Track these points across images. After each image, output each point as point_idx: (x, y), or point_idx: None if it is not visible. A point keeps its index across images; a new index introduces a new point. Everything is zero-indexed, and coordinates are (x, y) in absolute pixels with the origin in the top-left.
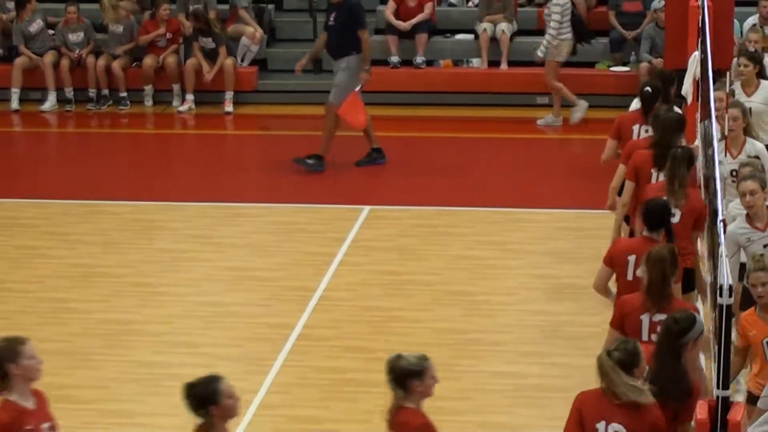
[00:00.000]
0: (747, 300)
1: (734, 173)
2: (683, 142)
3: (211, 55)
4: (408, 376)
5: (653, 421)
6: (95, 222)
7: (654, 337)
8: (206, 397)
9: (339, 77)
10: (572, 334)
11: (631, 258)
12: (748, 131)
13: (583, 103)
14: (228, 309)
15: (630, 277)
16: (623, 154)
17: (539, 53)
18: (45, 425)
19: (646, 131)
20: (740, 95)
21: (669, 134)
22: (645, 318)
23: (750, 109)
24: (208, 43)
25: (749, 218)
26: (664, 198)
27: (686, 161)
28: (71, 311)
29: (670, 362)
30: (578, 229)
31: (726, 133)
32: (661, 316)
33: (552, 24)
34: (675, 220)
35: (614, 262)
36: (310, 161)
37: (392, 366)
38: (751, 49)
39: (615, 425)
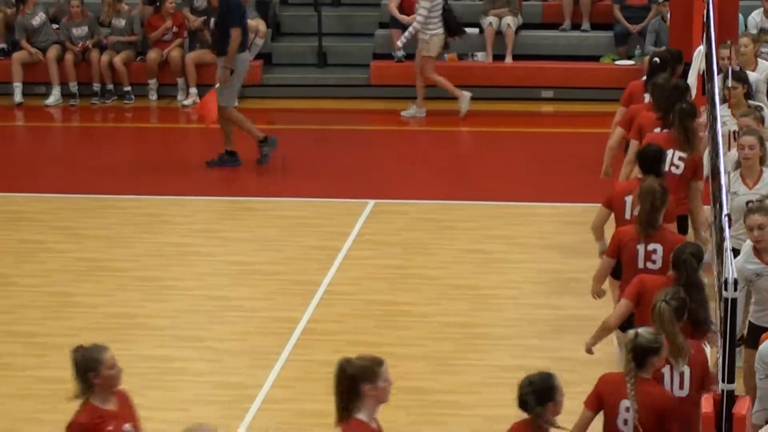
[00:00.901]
0: (754, 336)
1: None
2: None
3: None
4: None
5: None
6: (100, 216)
7: (649, 264)
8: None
9: (219, 74)
10: (578, 328)
11: (628, 198)
12: (764, 161)
13: (466, 94)
14: (233, 303)
15: (628, 216)
16: (625, 116)
17: (399, 44)
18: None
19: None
20: (728, 118)
21: (671, 100)
22: (641, 248)
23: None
24: None
25: (757, 252)
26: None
27: (691, 115)
28: (76, 305)
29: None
30: (584, 223)
31: (741, 161)
32: (655, 245)
33: (418, 18)
34: (678, 171)
35: (613, 203)
36: (225, 158)
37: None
38: (733, 65)
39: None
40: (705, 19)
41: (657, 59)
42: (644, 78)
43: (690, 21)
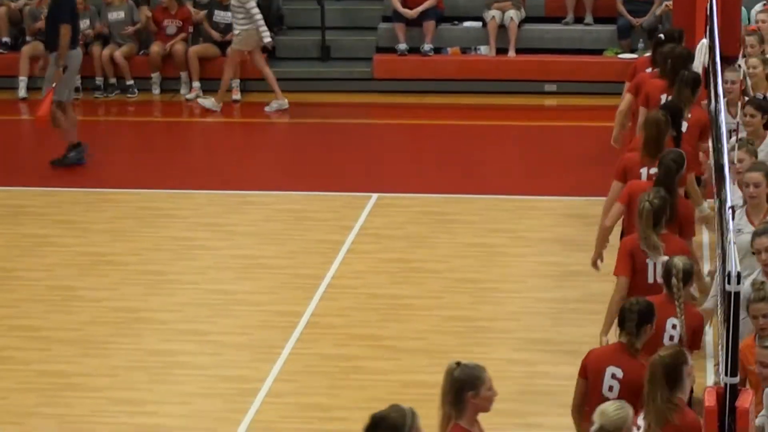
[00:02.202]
0: None
1: None
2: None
3: (225, 32)
4: (465, 387)
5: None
6: (104, 210)
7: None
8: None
9: (50, 72)
10: (581, 321)
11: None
12: None
13: (284, 102)
14: (236, 297)
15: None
16: (632, 84)
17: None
18: None
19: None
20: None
21: (676, 66)
22: (644, 171)
23: None
24: (226, 17)
25: None
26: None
27: (692, 82)
28: (80, 299)
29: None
30: (587, 216)
31: (747, 198)
32: (656, 170)
33: (236, 14)
34: (682, 129)
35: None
36: (70, 155)
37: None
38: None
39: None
40: (708, 12)
41: (662, 35)
42: (648, 54)
43: (693, 14)
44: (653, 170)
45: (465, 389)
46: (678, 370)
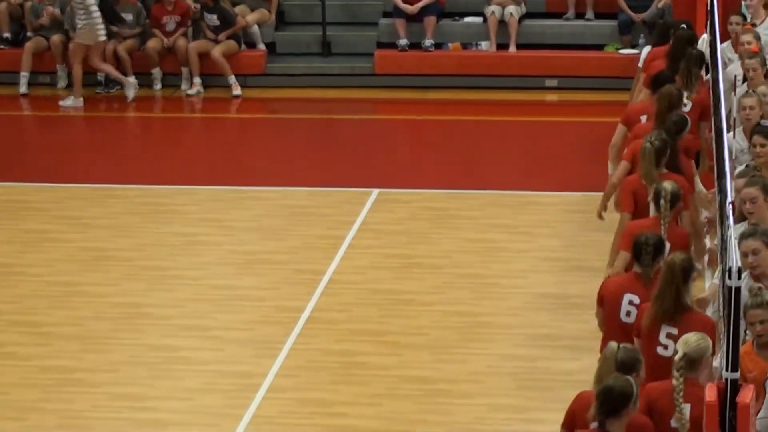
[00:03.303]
0: None
1: None
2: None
3: (216, 33)
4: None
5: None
6: (105, 206)
7: None
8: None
9: None
10: (582, 316)
11: (644, 117)
12: None
13: (131, 81)
14: (238, 292)
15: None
16: (643, 67)
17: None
18: None
19: None
20: (734, 57)
21: (685, 45)
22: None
23: None
24: (213, 20)
25: (757, 279)
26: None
27: (698, 60)
28: (82, 295)
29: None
30: (588, 211)
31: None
32: None
33: (77, 9)
34: (686, 109)
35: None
36: None
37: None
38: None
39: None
40: (708, 7)
41: (684, 25)
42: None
43: (694, 10)
44: None
45: (628, 371)
46: (690, 271)
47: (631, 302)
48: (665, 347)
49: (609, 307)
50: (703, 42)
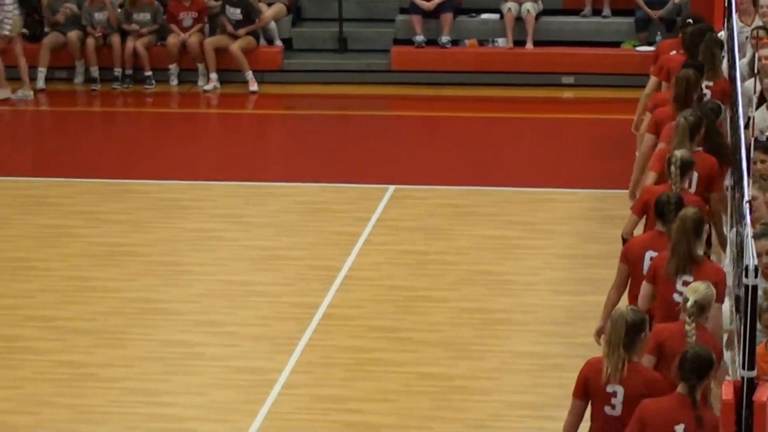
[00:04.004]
0: None
1: None
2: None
3: (237, 27)
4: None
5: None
6: (121, 201)
7: None
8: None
9: None
10: (597, 314)
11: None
12: None
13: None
14: (253, 288)
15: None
16: (656, 66)
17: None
18: None
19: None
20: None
21: (701, 33)
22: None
23: None
24: (236, 14)
25: None
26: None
27: (718, 44)
28: (96, 290)
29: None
30: (604, 209)
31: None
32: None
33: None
34: (706, 97)
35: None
36: None
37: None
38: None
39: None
40: (726, 4)
41: (691, 20)
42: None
43: (711, 6)
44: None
45: (639, 331)
46: (701, 225)
47: (652, 259)
48: (681, 294)
49: (632, 263)
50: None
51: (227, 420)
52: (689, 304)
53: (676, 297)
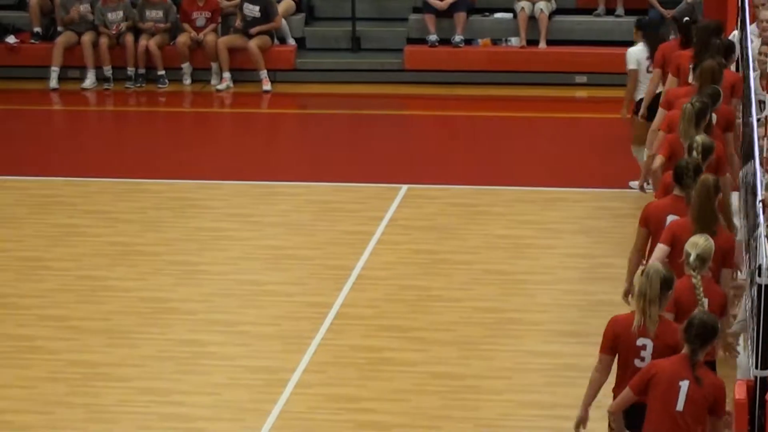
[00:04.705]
0: None
1: None
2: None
3: (252, 25)
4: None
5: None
6: (134, 200)
7: None
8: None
9: None
10: (610, 313)
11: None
12: None
13: None
14: (265, 288)
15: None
16: (658, 56)
17: None
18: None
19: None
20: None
21: (708, 35)
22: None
23: None
24: (254, 11)
25: None
26: None
27: (724, 50)
28: (109, 289)
29: None
30: (616, 208)
31: None
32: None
33: None
34: None
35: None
36: None
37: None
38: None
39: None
40: (739, 3)
41: (688, 18)
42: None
43: (725, 5)
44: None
45: (669, 287)
46: (718, 190)
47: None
48: None
49: (654, 226)
50: (733, 39)
51: (239, 419)
52: (692, 258)
53: None
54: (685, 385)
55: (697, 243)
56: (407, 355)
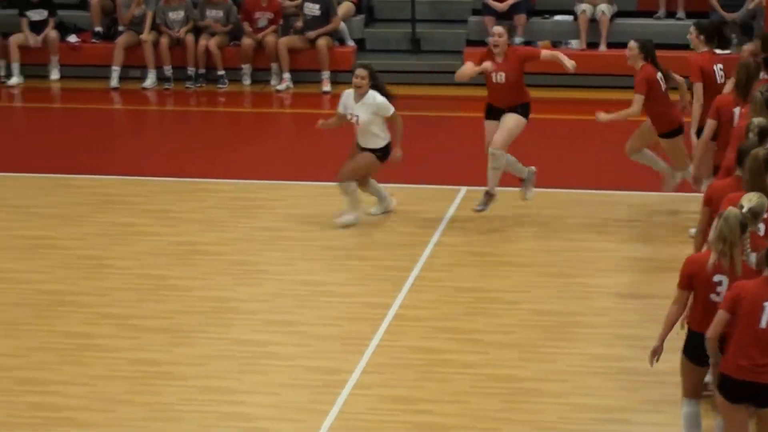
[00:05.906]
0: None
1: None
2: None
3: (311, 24)
4: None
5: None
6: (195, 200)
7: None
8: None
9: None
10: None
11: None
12: None
13: None
14: (325, 288)
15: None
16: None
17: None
18: None
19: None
20: None
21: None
22: (736, 111)
23: None
24: (314, 10)
25: None
26: None
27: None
28: (170, 288)
29: None
30: (676, 212)
31: None
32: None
33: None
34: None
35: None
36: None
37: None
38: None
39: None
40: None
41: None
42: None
43: None
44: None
45: (746, 230)
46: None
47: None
48: (758, 230)
49: (716, 207)
50: None
51: (299, 419)
52: (744, 210)
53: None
54: None
55: (751, 198)
56: (465, 357)
